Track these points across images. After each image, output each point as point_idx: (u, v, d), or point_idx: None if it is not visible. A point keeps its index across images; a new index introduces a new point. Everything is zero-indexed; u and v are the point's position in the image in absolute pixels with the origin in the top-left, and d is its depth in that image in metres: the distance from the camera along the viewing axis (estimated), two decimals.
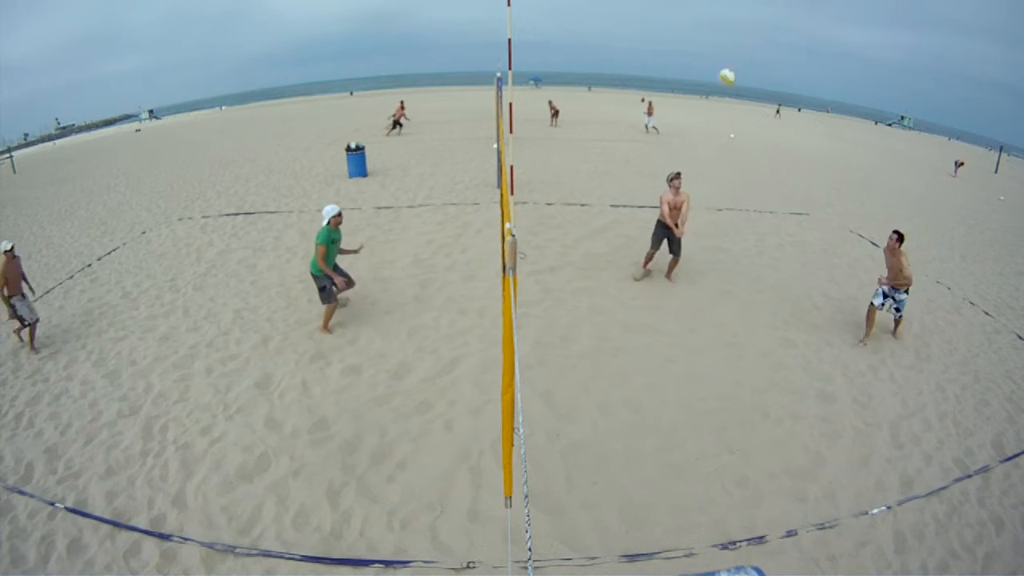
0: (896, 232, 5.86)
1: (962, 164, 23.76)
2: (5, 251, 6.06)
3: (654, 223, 7.38)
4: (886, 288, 6.05)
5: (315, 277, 6.00)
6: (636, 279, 7.46)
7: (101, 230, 10.59)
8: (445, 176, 13.68)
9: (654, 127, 22.93)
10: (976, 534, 3.76)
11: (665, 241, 7.28)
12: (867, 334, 6.23)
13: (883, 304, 6.12)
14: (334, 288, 6.00)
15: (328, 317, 6.18)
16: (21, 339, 6.34)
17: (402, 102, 22.74)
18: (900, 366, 5.86)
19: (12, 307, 6.13)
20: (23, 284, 6.35)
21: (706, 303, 6.97)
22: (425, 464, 4.23)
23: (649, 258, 7.41)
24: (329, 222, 5.88)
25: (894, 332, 6.42)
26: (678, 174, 7.00)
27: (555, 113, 24.33)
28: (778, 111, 45.76)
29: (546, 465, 4.21)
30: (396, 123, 21.04)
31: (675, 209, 7.05)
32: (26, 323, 6.24)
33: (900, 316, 6.29)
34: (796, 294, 7.45)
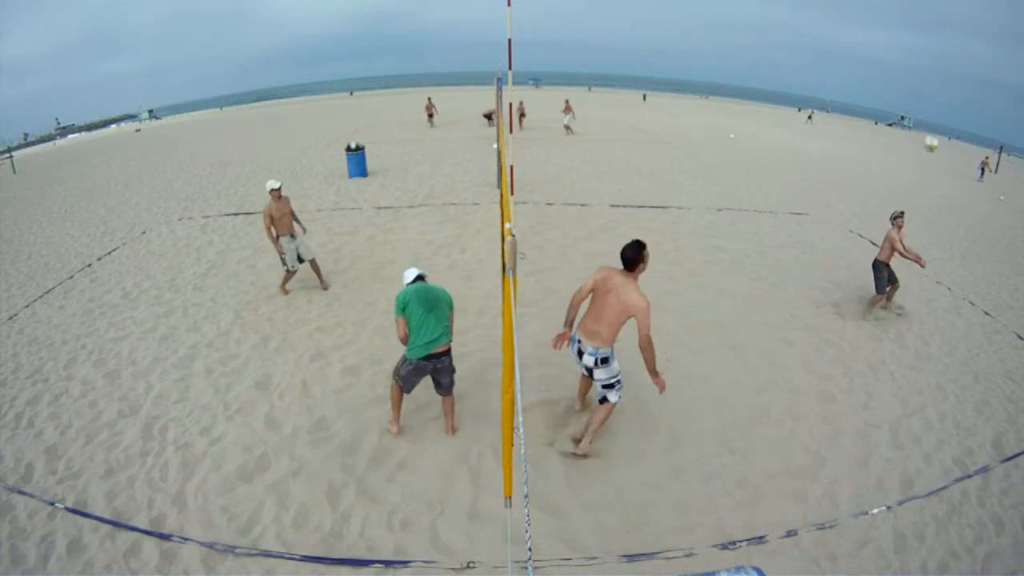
0: None
1: (986, 161, 23.63)
2: (272, 190, 6.30)
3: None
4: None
5: (450, 357, 4.25)
6: (877, 318, 6.92)
7: (101, 230, 10.59)
8: (445, 176, 13.69)
9: (568, 125, 21.67)
10: (976, 534, 3.76)
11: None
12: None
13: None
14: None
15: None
16: (286, 291, 6.78)
17: (521, 102, 23.90)
18: (900, 366, 5.85)
19: (279, 245, 6.53)
20: (294, 224, 6.64)
21: (706, 303, 6.97)
22: (425, 464, 4.23)
23: (878, 302, 6.94)
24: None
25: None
26: (902, 213, 6.73)
27: (521, 115, 22.52)
28: (810, 117, 43.85)
29: (546, 465, 4.20)
30: (521, 115, 22.67)
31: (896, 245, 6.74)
32: (287, 268, 6.58)
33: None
34: (796, 294, 7.45)
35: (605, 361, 3.90)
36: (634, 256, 3.76)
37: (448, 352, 4.20)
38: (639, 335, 3.65)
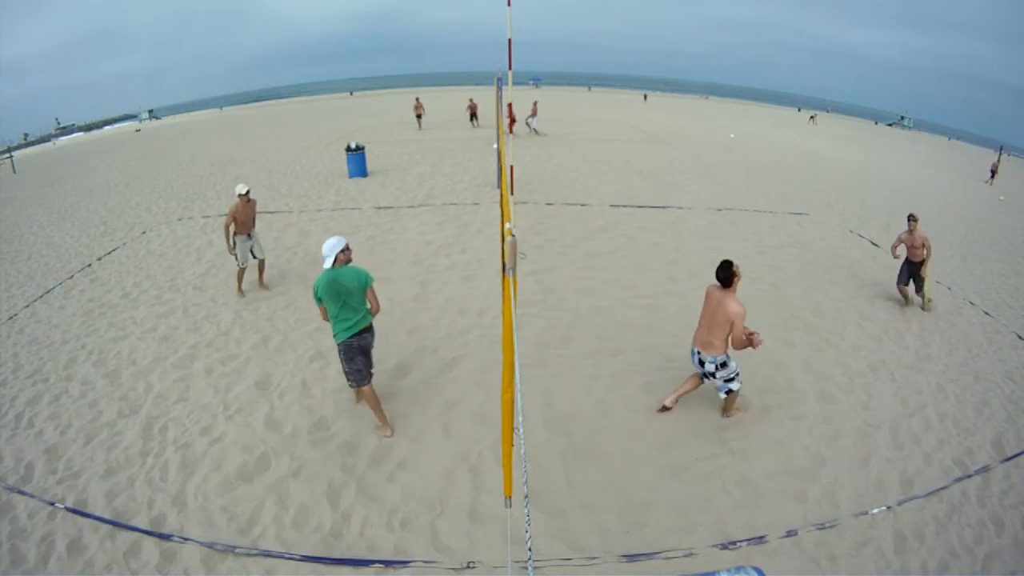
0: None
1: (996, 165, 23.47)
2: (241, 194, 6.76)
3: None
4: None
5: (372, 332, 4.45)
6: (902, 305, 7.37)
7: (101, 230, 10.59)
8: (445, 176, 13.69)
9: (535, 128, 21.14)
10: (976, 534, 3.76)
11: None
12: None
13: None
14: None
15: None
16: (242, 293, 7.15)
17: (509, 104, 20.40)
18: (900, 366, 5.85)
19: (232, 244, 6.85)
20: (253, 227, 7.03)
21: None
22: (425, 464, 4.23)
23: (904, 292, 7.35)
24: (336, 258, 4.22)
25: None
26: (912, 216, 7.13)
27: (512, 120, 20.24)
28: (812, 118, 43.32)
29: (546, 465, 4.20)
30: (512, 120, 20.63)
31: (912, 247, 7.10)
32: (239, 264, 7.00)
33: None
34: (796, 294, 7.45)
35: (724, 365, 4.46)
36: (725, 275, 4.32)
37: (369, 329, 4.46)
38: (732, 335, 4.25)
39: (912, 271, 7.20)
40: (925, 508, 3.96)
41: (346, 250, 4.28)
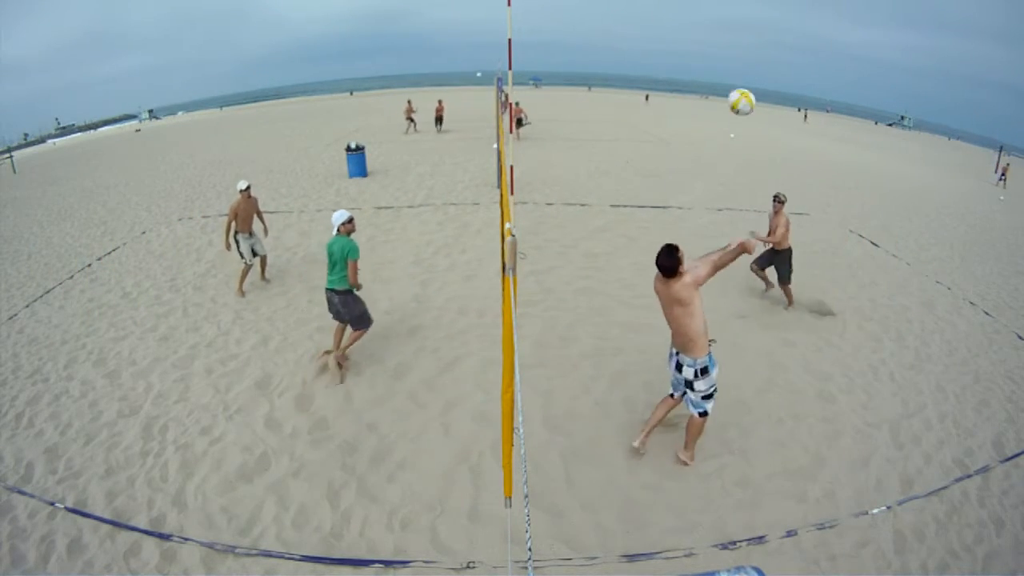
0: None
1: (1007, 168, 23.20)
2: (241, 190, 6.92)
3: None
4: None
5: (351, 296, 5.16)
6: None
7: (101, 230, 10.59)
8: (445, 176, 13.69)
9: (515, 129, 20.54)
10: (976, 534, 3.76)
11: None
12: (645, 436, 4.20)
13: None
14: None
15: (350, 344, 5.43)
16: (242, 293, 7.12)
17: (512, 104, 20.63)
18: (900, 366, 5.85)
19: (237, 242, 6.98)
20: (254, 224, 7.16)
21: (705, 303, 6.96)
22: (425, 464, 4.23)
23: (760, 275, 7.11)
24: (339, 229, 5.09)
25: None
26: (776, 196, 6.67)
27: (518, 121, 19.29)
28: (805, 116, 43.98)
29: (546, 465, 4.20)
30: (519, 121, 19.88)
31: (770, 230, 6.79)
32: (244, 261, 7.07)
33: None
34: (796, 294, 7.44)
35: (705, 371, 3.87)
36: (670, 264, 3.73)
37: (338, 292, 5.10)
38: (716, 264, 3.75)
39: (771, 257, 6.84)
40: (925, 508, 3.96)
41: (347, 223, 5.07)
